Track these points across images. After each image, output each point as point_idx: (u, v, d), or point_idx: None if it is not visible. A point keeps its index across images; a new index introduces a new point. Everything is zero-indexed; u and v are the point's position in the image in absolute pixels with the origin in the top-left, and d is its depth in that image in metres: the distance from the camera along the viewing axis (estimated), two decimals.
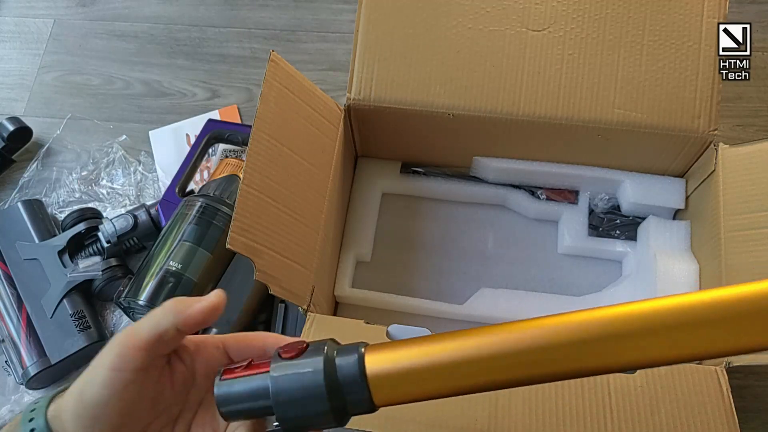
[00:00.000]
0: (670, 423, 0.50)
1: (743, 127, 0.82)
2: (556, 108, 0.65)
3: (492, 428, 0.51)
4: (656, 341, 0.27)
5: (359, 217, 0.76)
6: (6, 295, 0.74)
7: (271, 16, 0.96)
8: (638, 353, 0.27)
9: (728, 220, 0.61)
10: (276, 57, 0.58)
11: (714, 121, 0.63)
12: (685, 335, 0.26)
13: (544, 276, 0.75)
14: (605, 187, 0.75)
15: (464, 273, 0.75)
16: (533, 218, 0.77)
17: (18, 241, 0.76)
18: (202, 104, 0.91)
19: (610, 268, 0.75)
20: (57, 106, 0.93)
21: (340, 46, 0.93)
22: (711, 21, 0.63)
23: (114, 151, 0.88)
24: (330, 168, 0.65)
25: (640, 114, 0.64)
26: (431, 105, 0.66)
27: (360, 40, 0.66)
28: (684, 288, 0.65)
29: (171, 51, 0.95)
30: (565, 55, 0.65)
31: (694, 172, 0.70)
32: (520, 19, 0.65)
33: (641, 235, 0.73)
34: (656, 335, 0.27)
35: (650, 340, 0.27)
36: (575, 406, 0.51)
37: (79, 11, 0.99)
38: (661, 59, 0.64)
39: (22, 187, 0.87)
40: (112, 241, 0.75)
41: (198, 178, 0.85)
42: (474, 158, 0.75)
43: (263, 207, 0.55)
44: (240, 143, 0.84)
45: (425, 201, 0.79)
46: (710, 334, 0.26)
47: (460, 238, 0.77)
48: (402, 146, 0.75)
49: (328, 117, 0.65)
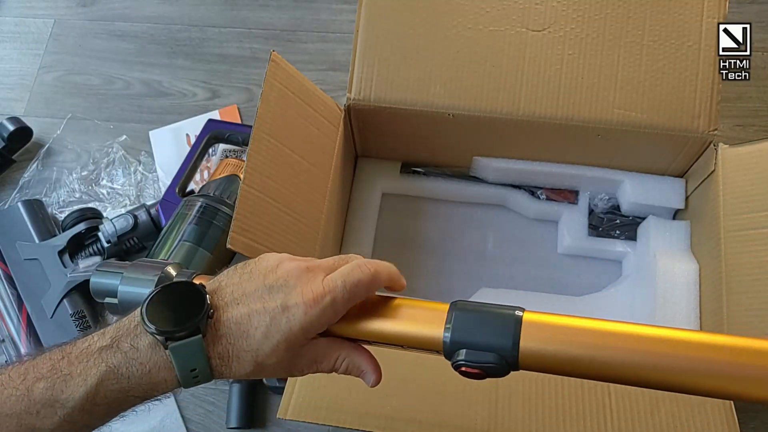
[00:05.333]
0: (670, 423, 0.50)
1: (743, 127, 0.82)
2: (555, 108, 0.65)
3: (492, 428, 0.51)
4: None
5: (359, 217, 0.76)
6: (6, 295, 0.74)
7: (271, 16, 0.96)
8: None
9: (728, 220, 0.61)
10: (276, 57, 0.58)
11: (714, 121, 0.63)
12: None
13: (544, 276, 0.75)
14: (605, 187, 0.75)
15: (464, 273, 0.75)
16: (533, 218, 0.77)
17: (18, 241, 0.76)
18: (202, 104, 0.91)
19: (610, 268, 0.75)
20: (57, 106, 0.93)
21: (340, 46, 0.93)
22: (711, 21, 0.63)
23: (114, 151, 0.88)
24: (330, 168, 0.65)
25: (639, 114, 0.64)
26: (431, 105, 0.66)
27: (360, 40, 0.66)
28: (684, 288, 0.65)
29: (171, 51, 0.95)
30: (565, 55, 0.65)
31: (694, 172, 0.70)
32: (520, 19, 0.65)
33: (641, 235, 0.73)
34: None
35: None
36: (575, 406, 0.52)
37: (79, 11, 0.99)
38: (661, 59, 0.64)
39: (23, 187, 0.87)
40: (113, 241, 0.75)
41: (198, 178, 0.85)
42: (474, 158, 0.75)
43: (263, 207, 0.55)
44: (240, 143, 0.84)
45: (425, 201, 0.79)
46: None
47: (460, 238, 0.77)
48: (402, 146, 0.75)
49: (328, 117, 0.65)
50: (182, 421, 0.71)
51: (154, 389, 0.34)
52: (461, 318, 0.34)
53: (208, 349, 0.34)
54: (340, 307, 0.35)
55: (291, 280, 0.35)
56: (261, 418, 0.71)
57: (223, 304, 0.35)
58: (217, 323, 0.34)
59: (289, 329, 0.34)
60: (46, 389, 0.33)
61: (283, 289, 0.35)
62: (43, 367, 0.34)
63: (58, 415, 0.33)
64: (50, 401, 0.33)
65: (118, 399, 0.34)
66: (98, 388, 0.33)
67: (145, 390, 0.34)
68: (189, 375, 0.34)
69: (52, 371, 0.33)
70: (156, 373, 0.34)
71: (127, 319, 0.35)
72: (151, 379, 0.34)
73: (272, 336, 0.34)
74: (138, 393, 0.34)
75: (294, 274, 0.35)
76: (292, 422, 0.65)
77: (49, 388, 0.33)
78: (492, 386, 0.53)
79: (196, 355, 0.33)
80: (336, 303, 0.35)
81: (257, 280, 0.35)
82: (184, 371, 0.34)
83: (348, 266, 0.36)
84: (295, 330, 0.34)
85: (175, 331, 0.33)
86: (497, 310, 0.35)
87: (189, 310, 0.34)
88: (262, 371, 0.35)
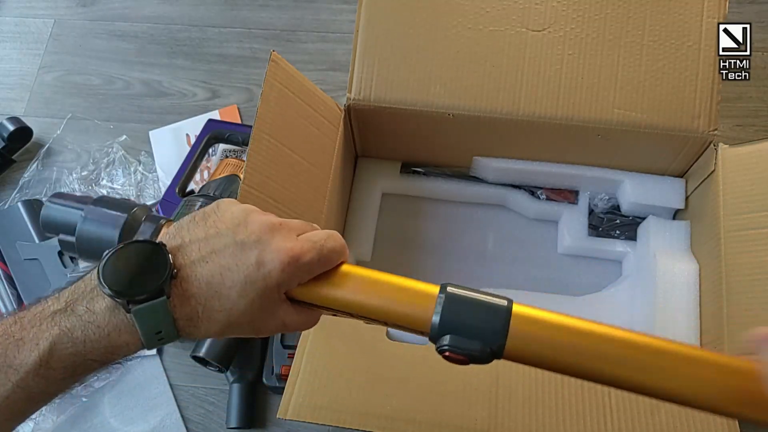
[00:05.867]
0: (670, 423, 0.50)
1: (743, 127, 0.82)
2: (555, 108, 0.65)
3: (492, 428, 0.51)
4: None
5: (359, 217, 0.76)
6: (6, 295, 0.74)
7: (271, 16, 0.96)
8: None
9: (728, 220, 0.61)
10: (276, 57, 0.58)
11: (714, 121, 0.63)
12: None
13: (544, 276, 0.75)
14: (605, 187, 0.75)
15: (464, 273, 0.75)
16: (533, 218, 0.77)
17: (18, 241, 0.76)
18: (202, 104, 0.91)
19: (610, 268, 0.75)
20: (57, 106, 0.93)
21: (340, 46, 0.93)
22: (711, 21, 0.63)
23: (114, 151, 0.88)
24: (330, 168, 0.65)
25: (639, 114, 0.64)
26: (431, 105, 0.66)
27: (360, 40, 0.66)
28: (684, 288, 0.65)
29: (171, 51, 0.95)
30: (565, 55, 0.65)
31: (694, 172, 0.70)
32: (520, 19, 0.65)
33: (641, 235, 0.73)
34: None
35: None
36: (575, 406, 0.52)
37: (79, 11, 0.99)
38: (661, 59, 0.64)
39: (23, 187, 0.87)
40: None
41: (198, 178, 0.85)
42: (474, 158, 0.75)
43: (263, 207, 0.55)
44: (240, 143, 0.84)
45: (425, 201, 0.79)
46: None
47: (460, 238, 0.77)
48: (402, 146, 0.75)
49: (328, 117, 0.65)
50: (182, 421, 0.71)
51: (114, 353, 0.33)
52: (451, 302, 0.34)
53: (174, 311, 0.33)
54: (315, 268, 0.35)
55: (264, 236, 0.34)
56: (261, 418, 0.71)
57: (189, 262, 0.33)
58: (184, 283, 0.33)
59: (265, 286, 0.33)
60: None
61: (257, 245, 0.34)
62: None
63: (11, 381, 0.32)
64: (3, 367, 0.31)
65: (74, 363, 0.32)
66: (51, 352, 0.32)
67: (104, 353, 0.33)
68: (154, 337, 0.33)
69: (4, 336, 0.32)
70: (116, 337, 0.32)
71: (82, 282, 0.34)
72: (110, 342, 0.32)
73: (247, 294, 0.33)
74: (96, 356, 0.33)
75: (266, 229, 0.34)
76: (292, 422, 0.65)
77: (1, 354, 0.32)
78: (492, 386, 0.53)
79: (161, 317, 0.32)
80: (312, 264, 0.35)
81: (226, 237, 0.34)
82: (149, 334, 0.32)
83: (322, 232, 0.36)
84: (271, 287, 0.34)
85: (137, 294, 0.32)
86: (487, 299, 0.35)
87: (150, 271, 0.32)
88: (231, 331, 0.34)
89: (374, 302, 0.36)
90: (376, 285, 0.36)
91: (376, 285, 0.36)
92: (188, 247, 0.34)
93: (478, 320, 0.34)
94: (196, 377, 0.73)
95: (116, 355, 0.33)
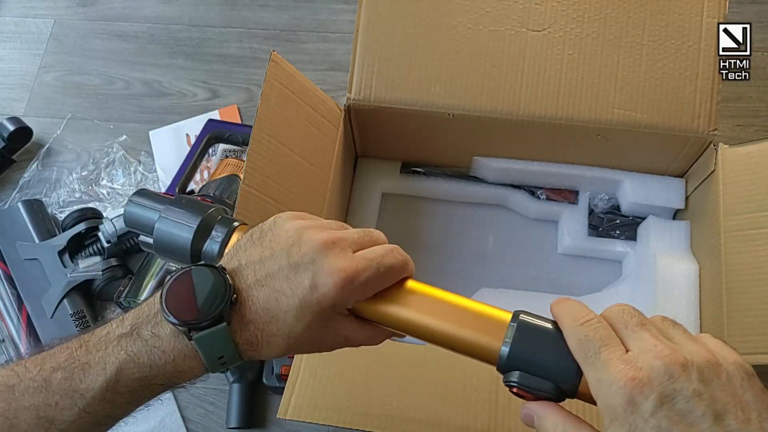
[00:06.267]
0: None
1: (743, 127, 0.82)
2: (555, 108, 0.65)
3: (492, 428, 0.51)
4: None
5: (359, 217, 0.76)
6: (6, 295, 0.74)
7: (271, 16, 0.96)
8: None
9: (728, 220, 0.61)
10: (276, 57, 0.58)
11: (714, 121, 0.63)
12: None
13: (544, 276, 0.75)
14: (605, 187, 0.75)
15: (464, 273, 0.75)
16: (533, 218, 0.77)
17: (18, 241, 0.76)
18: (202, 104, 0.91)
19: (610, 268, 0.75)
20: (57, 106, 0.93)
21: (340, 46, 0.93)
22: (711, 21, 0.63)
23: (114, 151, 0.88)
24: (330, 168, 0.65)
25: (639, 114, 0.64)
26: (431, 105, 0.66)
27: (360, 40, 0.66)
28: (684, 288, 0.65)
29: (171, 51, 0.95)
30: (565, 55, 0.65)
31: (694, 172, 0.70)
32: (520, 19, 0.65)
33: (641, 235, 0.73)
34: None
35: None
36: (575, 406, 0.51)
37: (79, 11, 0.99)
38: (661, 59, 0.64)
39: (23, 187, 0.87)
40: (113, 241, 0.75)
41: (198, 178, 0.85)
42: (474, 158, 0.75)
43: (263, 207, 0.55)
44: (240, 143, 0.84)
45: (425, 201, 0.79)
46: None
47: (460, 238, 0.77)
48: (402, 146, 0.75)
49: (328, 117, 0.65)
50: (182, 421, 0.71)
51: (179, 377, 0.33)
52: (523, 334, 0.32)
53: (234, 336, 0.33)
54: (370, 288, 0.34)
55: (318, 256, 0.33)
56: (261, 418, 0.71)
57: (246, 286, 0.33)
58: (242, 308, 0.33)
59: (320, 309, 0.33)
60: (64, 379, 0.32)
61: (310, 266, 0.33)
62: (61, 357, 0.33)
63: (77, 406, 0.32)
64: (69, 392, 0.32)
65: (139, 387, 0.33)
66: (118, 377, 0.32)
67: (169, 378, 0.33)
68: (216, 362, 0.33)
69: (70, 360, 0.32)
70: (181, 362, 0.33)
71: (146, 305, 0.34)
72: (175, 367, 0.33)
73: (304, 317, 0.33)
74: (161, 380, 0.33)
75: (320, 248, 0.33)
76: (292, 422, 0.65)
77: (68, 378, 0.32)
78: (492, 386, 0.53)
79: (223, 343, 0.32)
80: (368, 284, 0.34)
81: (280, 259, 0.34)
82: (211, 359, 0.33)
83: (381, 248, 0.36)
84: (327, 308, 0.33)
85: (198, 322, 0.32)
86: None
87: (211, 297, 0.32)
88: (292, 351, 0.34)
89: (437, 325, 0.34)
90: (442, 306, 0.35)
91: (442, 306, 0.35)
92: (245, 270, 0.34)
93: (550, 356, 0.31)
94: None
95: (180, 380, 0.34)
